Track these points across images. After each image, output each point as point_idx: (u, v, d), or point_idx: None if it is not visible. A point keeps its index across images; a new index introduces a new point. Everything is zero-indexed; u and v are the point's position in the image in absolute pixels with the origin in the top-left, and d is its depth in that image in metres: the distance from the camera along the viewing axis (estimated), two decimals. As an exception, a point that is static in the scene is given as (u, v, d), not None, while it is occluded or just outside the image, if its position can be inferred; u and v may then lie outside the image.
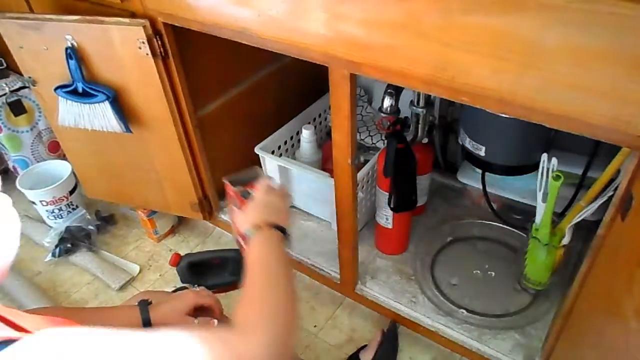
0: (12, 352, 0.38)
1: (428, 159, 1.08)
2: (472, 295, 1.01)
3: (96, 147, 1.16)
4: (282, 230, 0.67)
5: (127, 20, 0.89)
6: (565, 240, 0.88)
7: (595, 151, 0.91)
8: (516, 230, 1.11)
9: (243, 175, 0.87)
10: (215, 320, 0.81)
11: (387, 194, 0.97)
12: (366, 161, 1.09)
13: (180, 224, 1.46)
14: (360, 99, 1.38)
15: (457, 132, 1.20)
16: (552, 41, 0.51)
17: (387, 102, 0.91)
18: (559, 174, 0.80)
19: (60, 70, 0.98)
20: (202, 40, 0.88)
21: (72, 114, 1.01)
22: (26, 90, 1.45)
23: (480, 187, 1.06)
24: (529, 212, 0.93)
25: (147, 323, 0.74)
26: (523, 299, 0.99)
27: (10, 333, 0.41)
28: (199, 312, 0.83)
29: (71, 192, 1.42)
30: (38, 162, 1.52)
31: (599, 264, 0.64)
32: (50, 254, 1.36)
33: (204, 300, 0.82)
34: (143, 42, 0.88)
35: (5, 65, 1.44)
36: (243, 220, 0.70)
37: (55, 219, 1.43)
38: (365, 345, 1.06)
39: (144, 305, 0.75)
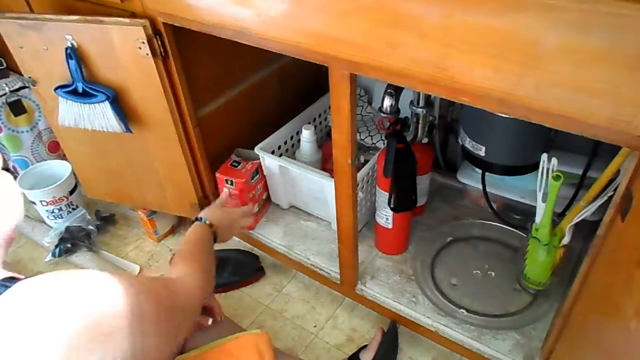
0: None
1: (428, 159, 1.08)
2: (472, 295, 1.01)
3: (96, 147, 1.16)
4: (214, 236, 0.89)
5: (127, 20, 0.89)
6: (565, 240, 0.88)
7: (595, 151, 0.91)
8: (516, 230, 1.11)
9: (249, 154, 1.19)
10: (210, 319, 0.82)
11: (387, 194, 0.97)
12: (366, 161, 1.09)
13: (180, 224, 1.46)
14: (360, 99, 1.38)
15: (457, 132, 1.20)
16: (552, 41, 0.51)
17: (387, 102, 0.91)
18: (559, 174, 0.80)
19: (60, 70, 0.98)
20: (202, 40, 0.88)
21: (72, 114, 1.01)
22: (26, 90, 1.45)
23: (480, 187, 1.06)
24: (529, 212, 0.93)
25: None
26: (523, 299, 0.99)
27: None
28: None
29: (71, 192, 1.42)
30: (38, 162, 1.52)
31: (599, 264, 0.64)
32: (50, 254, 1.36)
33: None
34: (143, 42, 0.88)
35: (5, 65, 1.44)
36: (209, 209, 0.94)
37: (55, 219, 1.43)
38: (366, 345, 1.06)
39: None
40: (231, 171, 1.15)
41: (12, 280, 0.47)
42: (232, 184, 1.14)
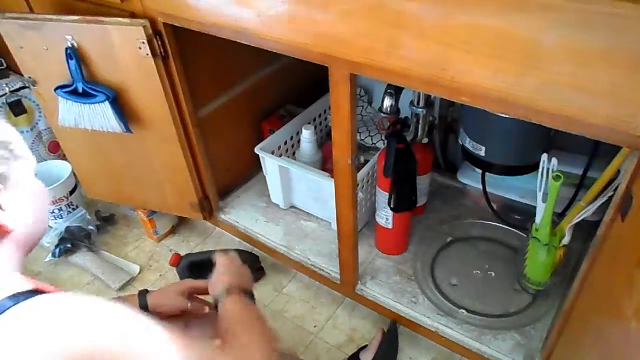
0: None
1: (428, 159, 1.08)
2: (472, 295, 1.01)
3: (96, 147, 1.16)
4: (249, 293, 0.73)
5: (127, 20, 0.89)
6: (565, 240, 0.88)
7: (595, 151, 0.92)
8: (516, 230, 1.11)
9: (295, 110, 1.23)
10: (207, 307, 0.82)
11: (387, 194, 0.97)
12: (366, 161, 1.09)
13: (180, 224, 1.46)
14: (360, 99, 1.38)
15: (457, 132, 1.20)
16: (552, 41, 0.51)
17: (387, 102, 0.91)
18: (559, 174, 0.80)
19: (60, 70, 0.98)
20: (202, 40, 0.88)
21: (72, 114, 1.01)
22: (26, 90, 1.45)
23: (480, 187, 1.06)
24: (529, 212, 0.93)
25: (144, 308, 0.76)
26: (523, 299, 0.99)
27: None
28: (194, 299, 0.83)
29: (71, 192, 1.42)
30: (38, 162, 1.51)
31: (599, 264, 0.64)
32: (50, 254, 1.36)
33: (200, 284, 0.82)
34: (143, 42, 0.88)
35: (5, 65, 1.44)
36: (214, 285, 0.75)
37: (55, 219, 1.43)
38: (366, 346, 1.06)
39: (143, 292, 0.79)
40: (277, 123, 1.28)
41: (36, 292, 0.46)
42: (273, 133, 1.22)
